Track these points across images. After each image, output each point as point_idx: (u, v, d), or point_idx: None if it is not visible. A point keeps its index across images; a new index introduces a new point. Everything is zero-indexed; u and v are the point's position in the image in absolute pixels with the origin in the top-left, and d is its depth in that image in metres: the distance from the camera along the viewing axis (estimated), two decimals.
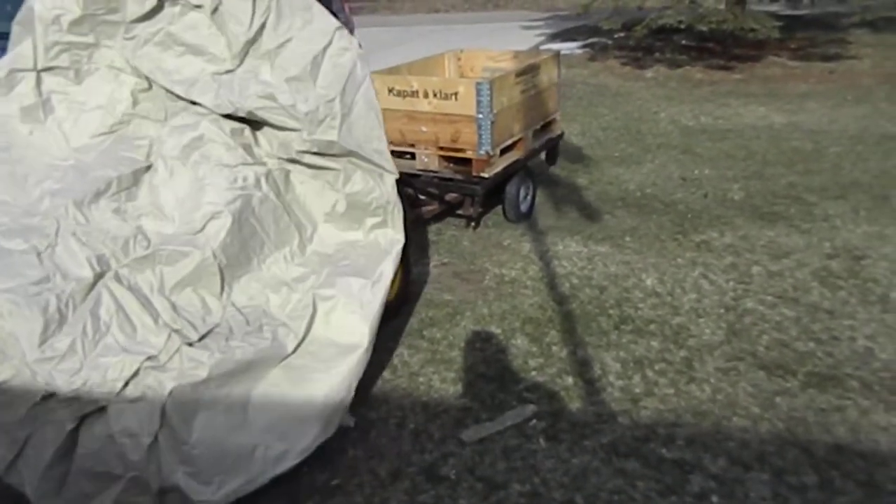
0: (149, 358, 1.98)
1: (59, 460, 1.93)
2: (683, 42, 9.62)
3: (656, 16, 8.77)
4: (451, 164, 3.90)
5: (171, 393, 1.95)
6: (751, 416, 2.36)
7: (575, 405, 2.46)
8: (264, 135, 2.57)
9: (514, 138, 3.96)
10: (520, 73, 3.92)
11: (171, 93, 2.54)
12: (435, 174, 3.88)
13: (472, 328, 2.98)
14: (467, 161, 3.79)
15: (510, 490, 2.10)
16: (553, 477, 2.13)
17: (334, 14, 2.60)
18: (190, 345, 2.05)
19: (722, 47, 9.22)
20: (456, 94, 3.68)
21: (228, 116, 2.51)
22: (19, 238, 2.11)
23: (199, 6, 2.48)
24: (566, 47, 10.40)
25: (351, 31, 2.93)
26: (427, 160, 3.87)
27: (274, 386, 2.15)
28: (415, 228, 3.87)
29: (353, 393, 2.26)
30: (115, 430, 1.93)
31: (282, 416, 2.11)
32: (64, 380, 1.91)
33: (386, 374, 2.70)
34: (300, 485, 2.16)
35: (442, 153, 3.85)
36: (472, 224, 4.00)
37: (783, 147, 5.46)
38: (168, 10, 2.51)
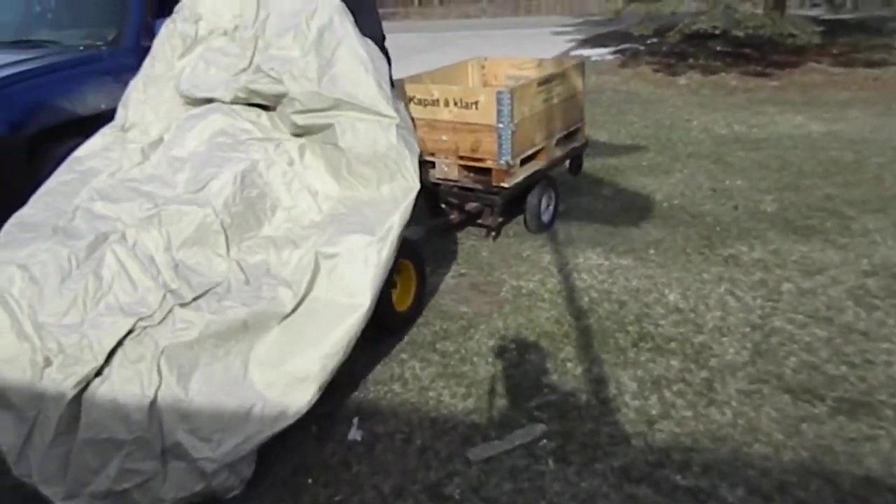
0: (142, 318, 2.04)
1: (62, 436, 1.95)
2: (718, 48, 9.41)
3: (690, 21, 8.59)
4: (471, 174, 3.84)
5: (163, 351, 2.01)
6: (773, 442, 2.24)
7: (587, 426, 2.37)
8: (279, 117, 2.73)
9: (536, 148, 3.88)
10: (542, 82, 3.84)
11: (199, 100, 2.81)
12: (454, 183, 3.83)
13: (486, 342, 2.91)
14: (487, 170, 3.73)
15: None
16: (560, 501, 2.05)
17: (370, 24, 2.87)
18: (183, 306, 2.11)
19: (759, 53, 8.99)
20: (476, 103, 3.62)
21: (248, 105, 2.75)
22: (48, 224, 2.31)
23: (224, 32, 2.88)
24: (596, 53, 10.28)
25: (382, 39, 2.99)
26: (447, 169, 3.82)
27: (274, 345, 2.18)
28: (434, 238, 3.84)
29: (349, 352, 2.26)
30: (117, 391, 1.96)
31: (280, 375, 2.13)
32: (66, 337, 1.98)
33: (396, 386, 2.65)
34: (302, 499, 2.12)
35: (462, 162, 3.80)
36: (492, 234, 3.94)
37: (821, 157, 5.26)
38: (204, 43, 2.89)
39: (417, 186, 2.58)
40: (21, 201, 3.42)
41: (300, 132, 2.70)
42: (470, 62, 4.63)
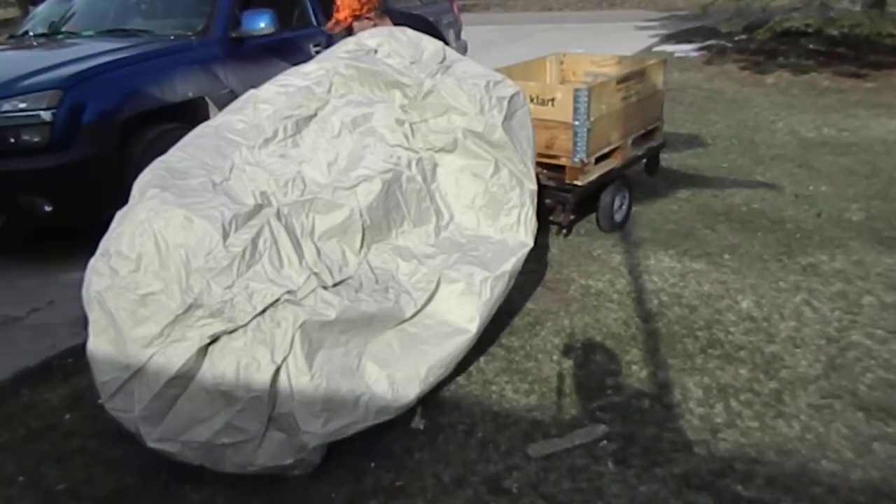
0: (289, 291, 2.18)
1: (178, 380, 2.06)
2: (811, 46, 8.97)
3: (782, 18, 8.23)
4: (545, 170, 3.85)
5: (301, 325, 2.14)
6: (842, 460, 2.19)
7: (649, 430, 2.37)
8: (420, 131, 2.86)
9: (612, 146, 3.86)
10: (621, 80, 3.81)
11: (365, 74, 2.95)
12: None
13: (551, 340, 2.94)
14: (561, 167, 3.74)
15: None
16: (618, 502, 2.07)
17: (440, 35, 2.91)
18: (325, 288, 2.26)
19: (855, 53, 8.51)
20: (553, 100, 3.63)
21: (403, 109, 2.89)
22: (201, 176, 2.42)
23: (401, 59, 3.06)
24: (681, 49, 10.00)
25: (458, 32, 3.07)
26: None
27: (388, 344, 2.36)
28: None
29: (450, 370, 2.45)
30: (248, 351, 2.09)
31: (389, 374, 2.29)
32: (216, 292, 2.11)
33: (460, 379, 2.71)
34: (365, 483, 2.22)
35: (536, 159, 3.81)
36: (563, 231, 3.94)
37: None
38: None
39: (531, 244, 2.83)
40: (114, 182, 3.65)
41: (441, 148, 2.84)
42: (548, 58, 4.62)
